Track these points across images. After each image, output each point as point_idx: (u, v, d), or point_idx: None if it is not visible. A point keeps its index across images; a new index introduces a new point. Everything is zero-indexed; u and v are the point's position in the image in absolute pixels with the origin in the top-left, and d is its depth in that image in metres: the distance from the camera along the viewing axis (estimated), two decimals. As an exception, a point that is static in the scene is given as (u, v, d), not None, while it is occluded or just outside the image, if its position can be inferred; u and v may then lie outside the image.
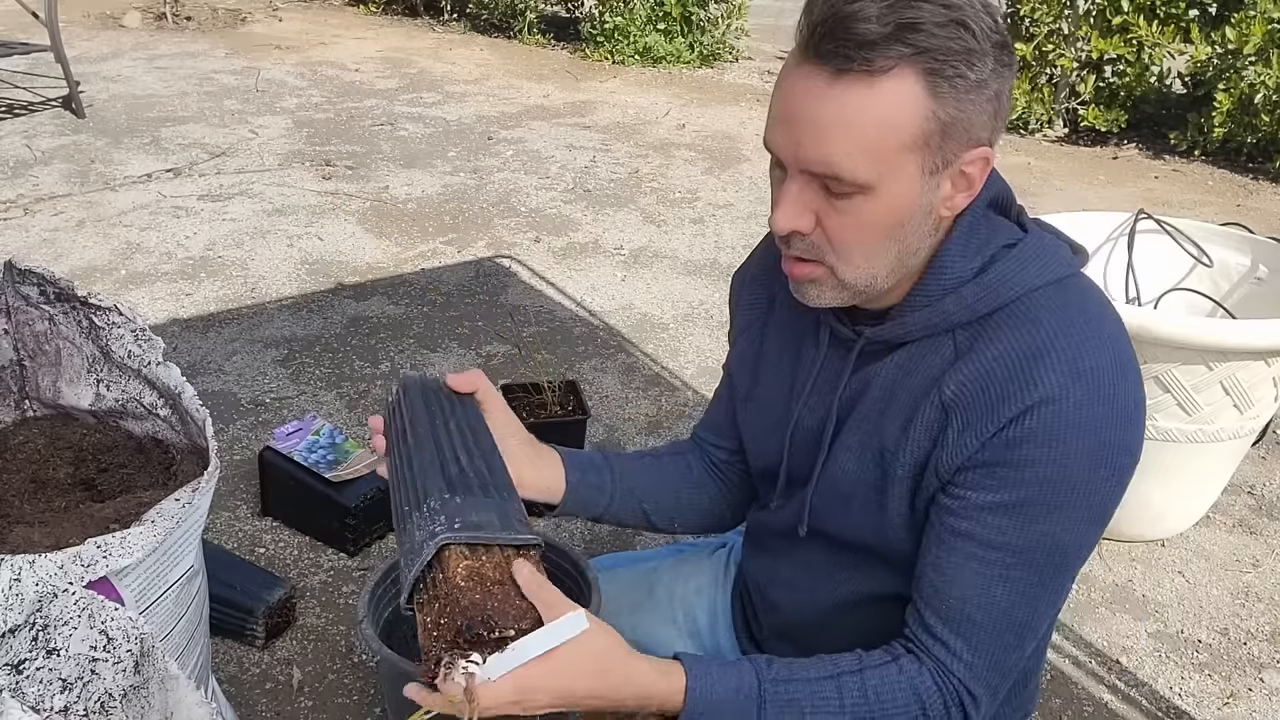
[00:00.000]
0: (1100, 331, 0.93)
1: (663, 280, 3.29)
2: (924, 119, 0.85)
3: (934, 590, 0.98)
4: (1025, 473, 0.91)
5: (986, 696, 0.98)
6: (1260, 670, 1.77)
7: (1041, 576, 0.95)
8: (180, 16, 6.86)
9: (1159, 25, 4.61)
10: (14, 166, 3.94)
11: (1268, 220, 4.04)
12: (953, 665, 0.97)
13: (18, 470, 1.41)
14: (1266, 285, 2.11)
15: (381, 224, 3.62)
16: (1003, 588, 0.95)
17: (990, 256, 0.95)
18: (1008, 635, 0.97)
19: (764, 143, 0.92)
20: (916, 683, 0.97)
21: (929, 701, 0.97)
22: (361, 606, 1.25)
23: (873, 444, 1.02)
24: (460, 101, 5.32)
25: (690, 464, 1.31)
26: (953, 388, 0.95)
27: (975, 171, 0.91)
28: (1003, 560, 0.94)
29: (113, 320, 1.37)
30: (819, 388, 1.08)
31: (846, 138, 0.85)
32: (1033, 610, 0.96)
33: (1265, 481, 2.34)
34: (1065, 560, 0.96)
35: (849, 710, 0.96)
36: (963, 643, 0.97)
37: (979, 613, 0.96)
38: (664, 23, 6.38)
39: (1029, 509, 0.92)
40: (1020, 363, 0.92)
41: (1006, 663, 0.98)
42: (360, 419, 2.39)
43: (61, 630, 0.97)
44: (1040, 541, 0.93)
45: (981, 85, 0.86)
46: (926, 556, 0.99)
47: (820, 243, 0.93)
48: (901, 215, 0.90)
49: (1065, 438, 0.90)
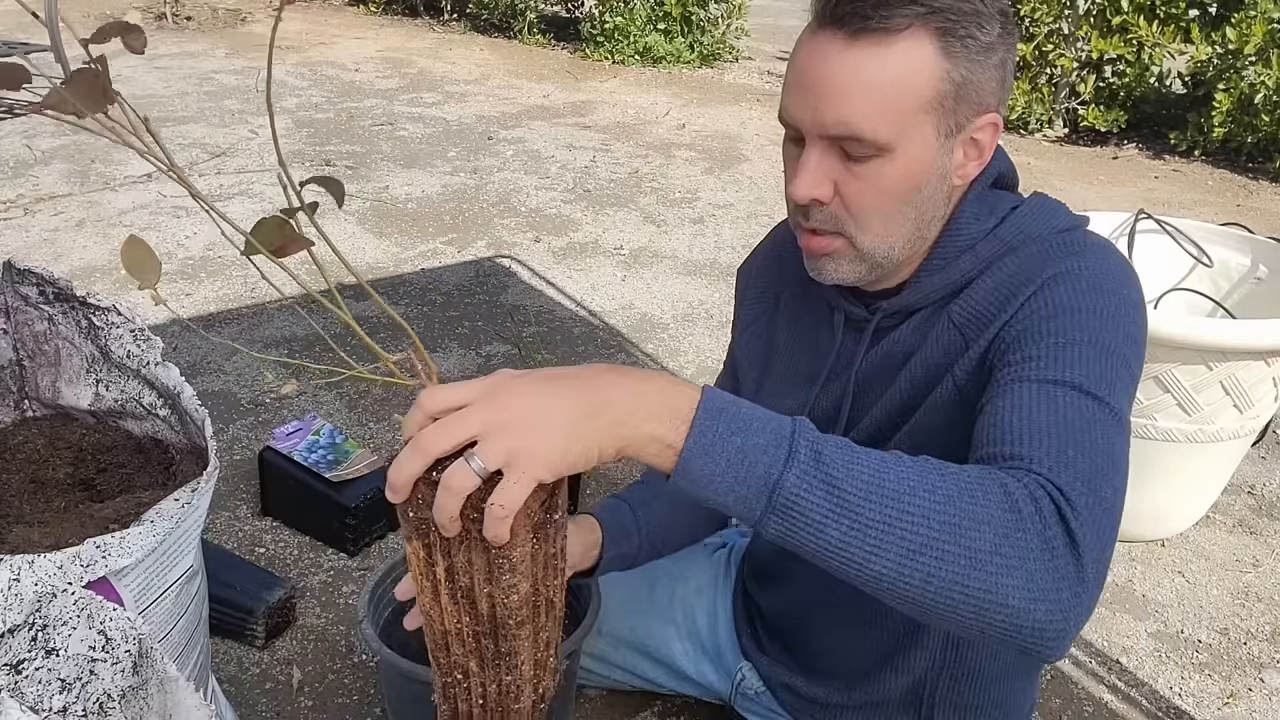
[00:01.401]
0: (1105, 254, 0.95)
1: (663, 280, 3.29)
2: (939, 79, 0.87)
3: (998, 427, 0.82)
4: (1059, 322, 0.88)
5: (1086, 508, 0.74)
6: (1260, 670, 1.77)
7: (1105, 411, 0.82)
8: (180, 16, 6.86)
9: (1159, 25, 4.61)
10: (14, 166, 3.94)
11: (1268, 220, 4.04)
12: (1038, 467, 0.77)
13: (17, 470, 1.41)
14: (1266, 285, 2.11)
15: (381, 224, 3.62)
16: (1072, 410, 0.81)
17: (1001, 217, 0.98)
18: (1093, 457, 0.78)
19: (779, 115, 0.93)
20: (992, 472, 0.76)
21: (1010, 483, 0.74)
22: (361, 606, 1.25)
23: (891, 401, 1.02)
24: (460, 101, 5.32)
25: None
26: (960, 306, 0.96)
27: (985, 139, 0.93)
28: (1064, 393, 0.82)
29: (111, 320, 1.37)
30: (835, 372, 1.09)
31: (865, 98, 0.86)
32: (1109, 442, 0.80)
33: (1265, 481, 2.34)
34: (1120, 398, 0.84)
35: (906, 460, 0.73)
36: (1043, 456, 0.77)
37: (1054, 430, 0.79)
38: (664, 23, 6.37)
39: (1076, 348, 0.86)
40: (1027, 266, 0.94)
41: (1102, 491, 0.77)
42: (360, 419, 2.39)
43: (60, 630, 0.97)
44: (1097, 376, 0.84)
45: (990, 49, 0.89)
46: (987, 415, 0.85)
47: (839, 212, 0.93)
48: (919, 179, 0.91)
49: (1084, 289, 0.90)
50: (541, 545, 0.71)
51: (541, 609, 0.74)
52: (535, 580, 0.72)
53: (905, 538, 0.68)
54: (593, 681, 1.51)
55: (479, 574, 0.70)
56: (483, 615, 0.72)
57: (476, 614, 0.72)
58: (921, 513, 0.69)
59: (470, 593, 0.71)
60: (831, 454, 0.70)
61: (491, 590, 0.70)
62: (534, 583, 0.72)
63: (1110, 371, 0.85)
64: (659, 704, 1.60)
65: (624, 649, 1.44)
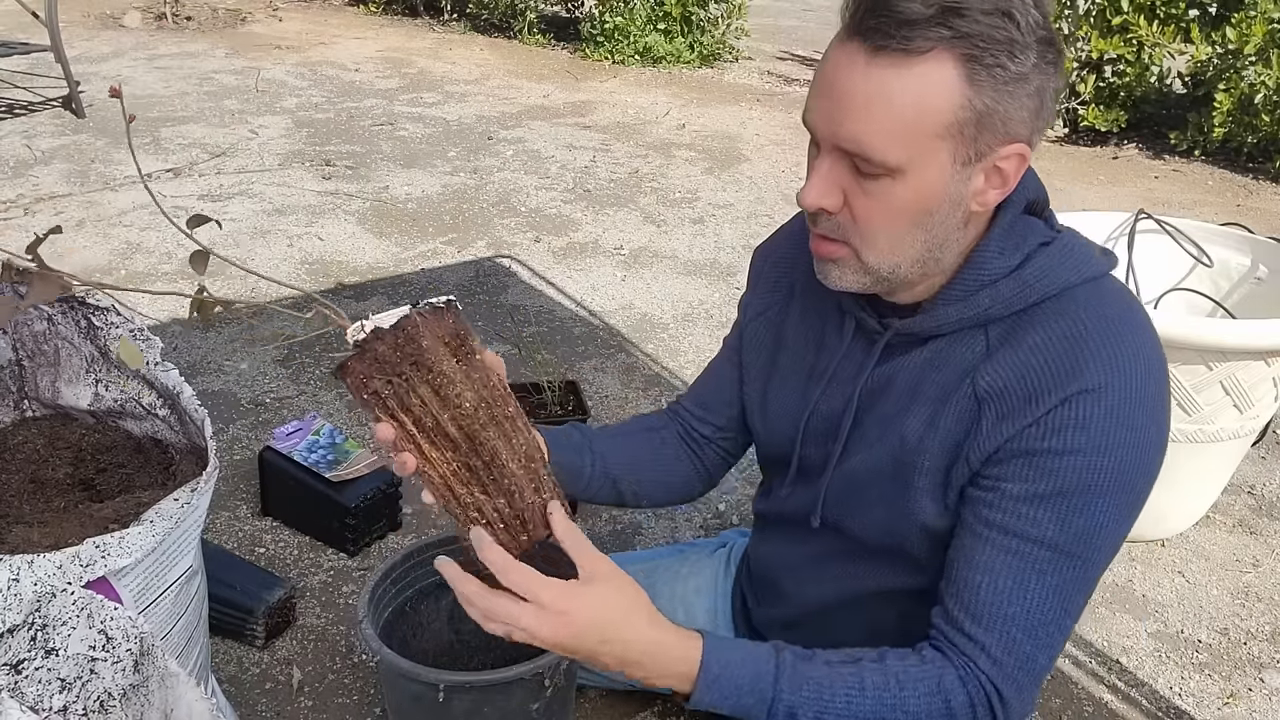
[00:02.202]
0: (1135, 326, 0.93)
1: (663, 280, 3.29)
2: (959, 106, 0.84)
3: (965, 584, 0.95)
4: (1064, 461, 0.90)
5: (1014, 697, 0.94)
6: (1260, 670, 1.77)
7: (1076, 570, 0.93)
8: (180, 16, 6.86)
9: (1159, 25, 4.61)
10: (14, 166, 3.94)
11: (1268, 220, 4.04)
12: (980, 662, 0.94)
13: (17, 470, 1.41)
14: (1266, 285, 2.11)
15: (381, 224, 3.62)
16: (1038, 581, 0.92)
17: (1027, 254, 0.95)
18: (1040, 632, 0.93)
19: (802, 116, 0.92)
20: (941, 676, 0.94)
21: (953, 697, 0.94)
22: (361, 606, 1.25)
23: (892, 438, 1.01)
24: (460, 101, 5.32)
25: (665, 440, 1.29)
26: (988, 378, 0.94)
27: (1010, 168, 0.89)
28: (1038, 554, 0.92)
29: (111, 320, 1.37)
30: (839, 377, 1.07)
31: (879, 117, 0.85)
32: (1065, 607, 0.94)
33: (1265, 481, 2.34)
34: (1100, 553, 0.93)
35: (869, 695, 0.93)
36: (994, 639, 0.93)
37: (1012, 607, 0.93)
38: (664, 23, 6.37)
39: (1068, 500, 0.91)
40: (1060, 354, 0.91)
41: (1038, 662, 0.95)
42: (360, 419, 2.39)
43: (60, 630, 0.97)
44: (1078, 534, 0.91)
45: (1022, 79, 0.85)
46: (958, 551, 0.96)
47: (846, 223, 0.92)
48: (929, 203, 0.89)
49: (1105, 427, 0.89)
50: (466, 368, 0.89)
51: (500, 419, 0.91)
52: (477, 393, 0.90)
53: None
54: (593, 681, 1.51)
55: (433, 404, 0.88)
56: (456, 439, 0.89)
57: (452, 441, 0.89)
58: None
59: (439, 426, 0.88)
60: (804, 711, 0.93)
61: (450, 413, 0.88)
62: (476, 393, 0.89)
63: (1100, 517, 0.91)
64: (659, 704, 1.60)
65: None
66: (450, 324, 0.89)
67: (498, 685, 1.16)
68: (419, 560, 1.39)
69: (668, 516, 2.11)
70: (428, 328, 0.87)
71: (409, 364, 0.87)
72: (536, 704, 1.21)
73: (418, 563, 1.38)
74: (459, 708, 1.18)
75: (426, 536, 1.43)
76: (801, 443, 1.12)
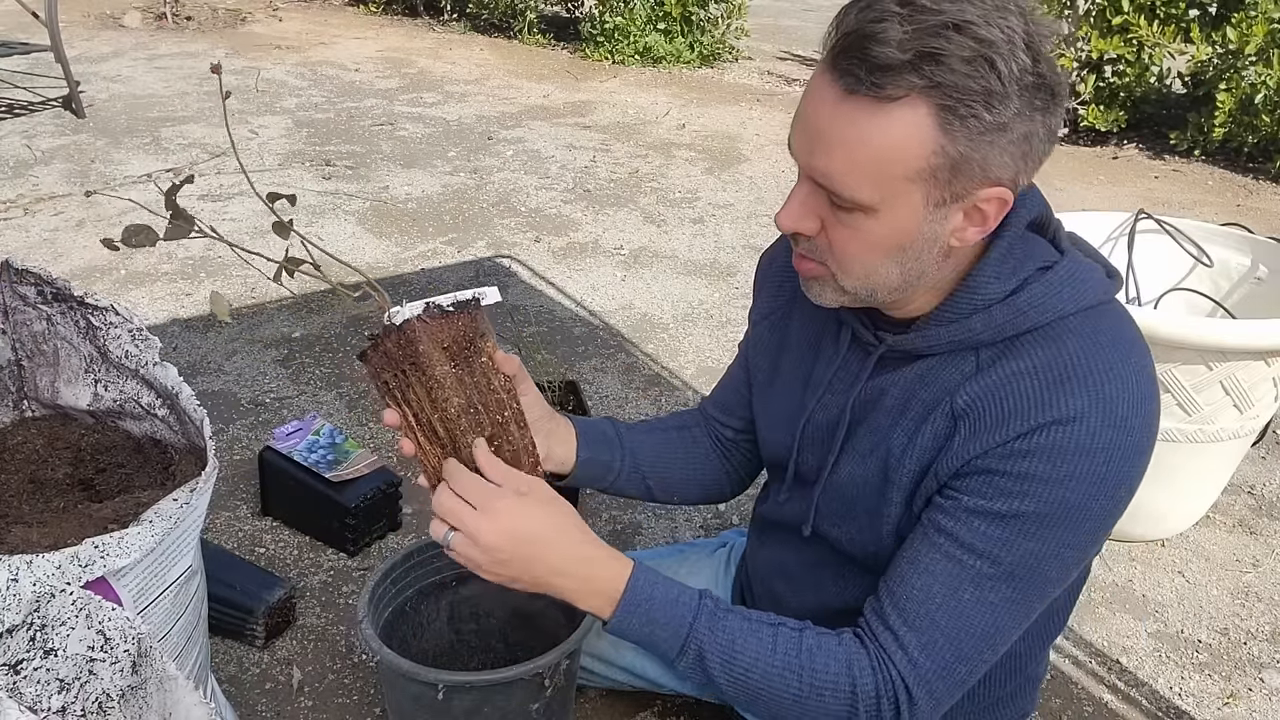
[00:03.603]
0: (1127, 361, 0.91)
1: (663, 280, 3.29)
2: (931, 153, 0.83)
3: (900, 580, 0.96)
4: (1025, 486, 0.89)
5: (927, 701, 0.94)
6: (1260, 670, 1.77)
7: (1014, 592, 0.93)
8: (180, 16, 6.86)
9: (1159, 25, 4.61)
10: (14, 166, 3.94)
11: (1268, 220, 4.04)
12: (896, 657, 0.94)
13: (16, 470, 1.41)
14: (1266, 285, 2.11)
15: (381, 224, 3.62)
16: (972, 593, 0.92)
17: (1023, 280, 0.94)
18: (965, 644, 0.93)
19: (787, 141, 0.93)
20: (853, 659, 0.95)
21: (860, 681, 0.94)
22: (361, 606, 1.25)
23: (880, 451, 1.02)
24: (460, 101, 5.32)
25: (696, 438, 1.32)
26: (965, 397, 0.94)
27: (991, 210, 0.88)
28: (979, 567, 0.92)
29: (110, 320, 1.37)
30: (834, 386, 1.08)
31: (849, 157, 0.84)
32: (996, 624, 0.94)
33: (1265, 481, 2.33)
34: (1042, 582, 0.94)
35: (779, 656, 0.96)
36: (915, 638, 0.94)
37: (940, 612, 0.93)
38: (664, 23, 6.37)
39: (1020, 523, 0.90)
40: (1041, 381, 0.90)
41: (956, 673, 0.94)
42: (360, 419, 2.39)
43: (59, 630, 0.97)
44: (1023, 558, 0.91)
45: (1002, 128, 0.83)
46: (904, 549, 0.98)
47: (823, 247, 0.93)
48: (903, 240, 0.89)
49: (1073, 460, 0.88)
50: (462, 371, 0.96)
51: (486, 424, 0.98)
52: (466, 398, 0.96)
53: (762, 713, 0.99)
54: (593, 681, 1.51)
55: (425, 404, 0.96)
56: (443, 438, 0.97)
57: (439, 439, 0.97)
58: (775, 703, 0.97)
59: (430, 424, 0.97)
60: (712, 655, 0.97)
61: (439, 414, 0.95)
62: (465, 398, 0.96)
63: (1050, 546, 0.91)
64: (659, 704, 1.60)
65: (624, 648, 1.44)
66: (458, 327, 0.96)
67: (498, 685, 1.16)
68: (419, 560, 1.39)
69: (668, 516, 2.11)
70: (426, 332, 0.94)
71: (409, 363, 0.95)
72: (536, 704, 1.21)
73: (418, 563, 1.38)
74: (459, 708, 1.18)
75: (426, 536, 1.43)
76: (798, 448, 1.13)
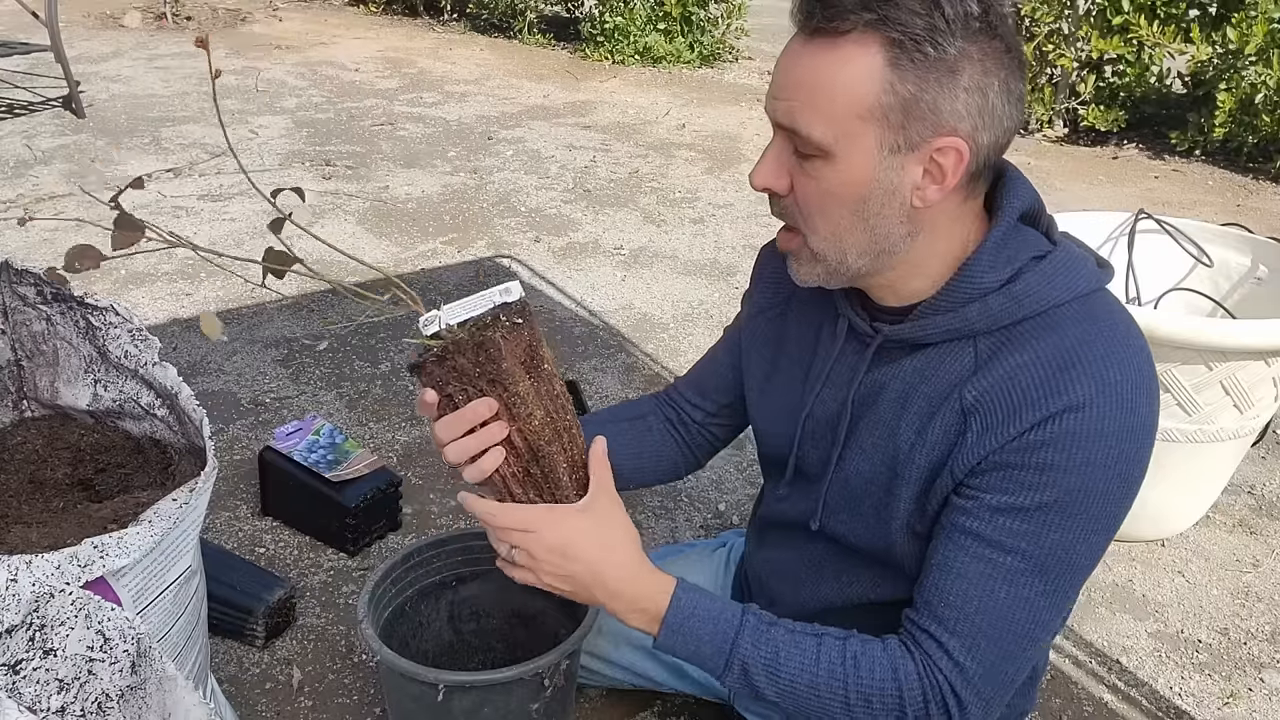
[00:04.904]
0: (1126, 345, 0.93)
1: (663, 280, 3.29)
2: (882, 90, 0.86)
3: (935, 589, 0.96)
4: (1044, 477, 0.91)
5: (976, 704, 0.95)
6: (1260, 670, 1.77)
7: (1048, 584, 0.94)
8: (180, 16, 6.86)
9: (1159, 25, 4.60)
10: (14, 166, 3.94)
11: (1268, 220, 4.04)
12: (941, 663, 0.95)
13: (15, 470, 1.41)
14: (1266, 285, 2.11)
15: (381, 224, 3.62)
16: (1007, 590, 0.93)
17: (1018, 269, 0.95)
18: (1007, 642, 0.94)
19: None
20: (899, 665, 0.96)
21: (908, 687, 0.95)
22: (361, 606, 1.25)
23: (886, 447, 1.02)
24: (460, 101, 5.32)
25: (650, 426, 1.32)
26: (974, 393, 0.94)
27: (947, 163, 0.89)
28: (1010, 564, 0.93)
29: (109, 320, 1.37)
30: (833, 380, 1.08)
31: (808, 96, 0.89)
32: (1035, 619, 0.95)
33: (1265, 481, 2.33)
34: (1073, 570, 0.95)
35: (823, 666, 0.97)
36: (957, 643, 0.95)
37: (980, 615, 0.94)
38: (664, 23, 6.37)
39: (1044, 514, 0.92)
40: (1046, 371, 0.91)
41: (1004, 672, 0.96)
42: (360, 419, 2.39)
43: (58, 630, 0.97)
44: (1052, 549, 0.92)
45: (951, 71, 0.86)
46: (933, 554, 0.98)
47: (792, 207, 0.96)
48: (861, 189, 0.91)
49: (1088, 446, 0.89)
50: (536, 383, 0.97)
51: (561, 430, 0.99)
52: (546, 410, 0.98)
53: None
54: (593, 681, 1.51)
55: (503, 416, 0.95)
56: (520, 449, 0.97)
57: (516, 449, 0.97)
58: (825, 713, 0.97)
59: (507, 436, 0.96)
60: (756, 670, 0.98)
61: (519, 425, 0.96)
62: (545, 410, 0.98)
63: (1076, 533, 0.92)
64: (659, 703, 1.59)
65: (624, 647, 1.44)
66: (526, 339, 0.96)
67: (498, 685, 1.16)
68: (419, 560, 1.39)
69: (668, 516, 2.11)
70: (509, 349, 0.93)
71: (486, 380, 0.94)
72: (536, 704, 1.21)
73: (418, 563, 1.38)
74: (459, 708, 1.18)
75: (426, 536, 1.43)
76: (799, 443, 1.12)
